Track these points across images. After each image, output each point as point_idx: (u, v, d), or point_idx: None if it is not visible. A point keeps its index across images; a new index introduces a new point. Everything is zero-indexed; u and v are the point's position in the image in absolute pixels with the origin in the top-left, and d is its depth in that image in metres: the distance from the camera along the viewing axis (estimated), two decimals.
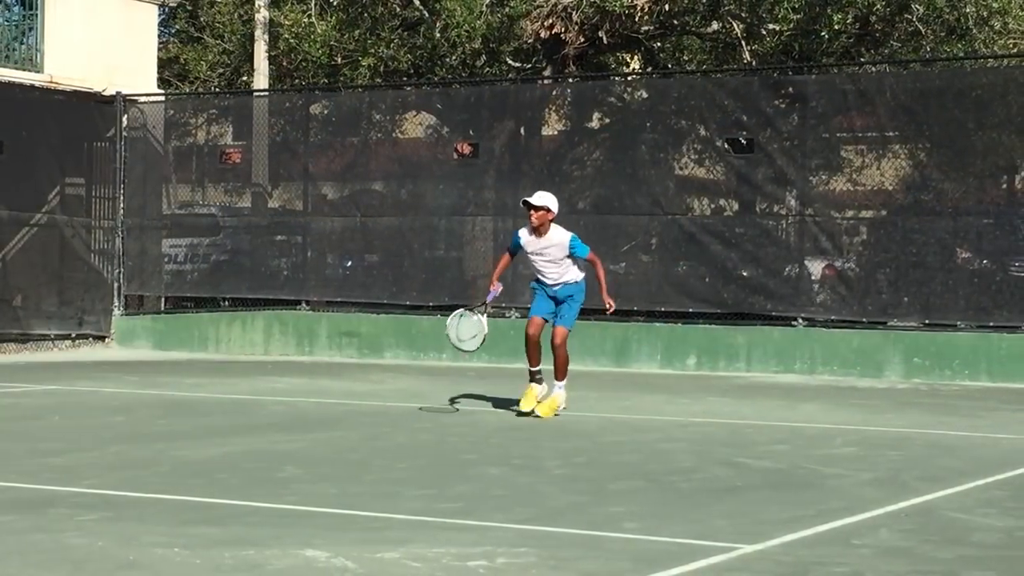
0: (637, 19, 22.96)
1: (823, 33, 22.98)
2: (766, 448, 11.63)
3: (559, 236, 13.47)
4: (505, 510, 8.55)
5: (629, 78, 25.25)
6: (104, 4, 23.54)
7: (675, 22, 24.15)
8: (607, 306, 13.63)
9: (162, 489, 9.21)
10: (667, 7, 23.26)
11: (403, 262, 22.29)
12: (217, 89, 27.69)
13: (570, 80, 23.75)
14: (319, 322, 22.07)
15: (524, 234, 13.59)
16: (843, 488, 9.57)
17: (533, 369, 13.63)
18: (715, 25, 24.01)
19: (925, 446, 11.97)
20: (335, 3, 25.79)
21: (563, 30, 22.96)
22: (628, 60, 28.17)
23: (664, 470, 10.33)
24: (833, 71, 21.04)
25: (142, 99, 23.54)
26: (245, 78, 28.21)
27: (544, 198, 13.58)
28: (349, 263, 23.14)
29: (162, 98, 24.58)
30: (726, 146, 20.73)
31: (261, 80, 26.00)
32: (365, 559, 7.09)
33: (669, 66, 25.65)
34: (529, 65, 24.69)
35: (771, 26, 23.62)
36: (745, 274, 19.81)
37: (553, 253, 13.46)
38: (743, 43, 23.50)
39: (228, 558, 7.09)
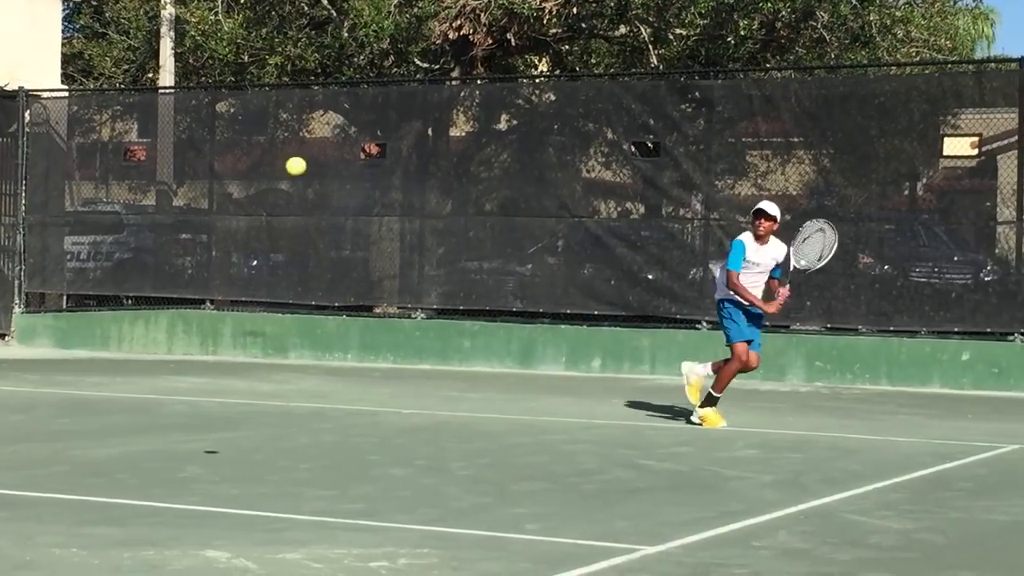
0: (545, 22, 23.00)
1: (729, 39, 23.14)
2: (669, 450, 11.70)
3: (779, 247, 13.23)
4: (408, 511, 8.55)
5: (537, 80, 25.31)
6: None
7: (583, 25, 24.21)
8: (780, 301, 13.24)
9: (60, 489, 9.11)
10: (575, 10, 23.32)
11: (309, 262, 22.21)
12: (122, 86, 27.41)
13: (478, 81, 23.75)
14: (223, 321, 21.92)
15: (749, 241, 13.17)
16: (744, 490, 9.65)
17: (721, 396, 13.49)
18: (623, 29, 24.09)
19: (825, 449, 12.10)
20: (242, 1, 25.62)
21: (471, 31, 22.94)
22: (536, 62, 28.21)
23: (567, 472, 10.36)
24: (739, 76, 21.19)
25: (45, 95, 23.27)
26: (151, 75, 27.96)
27: (776, 208, 13.26)
28: (254, 262, 23.01)
29: (66, 94, 24.31)
30: (633, 149, 20.82)
31: (167, 77, 25.79)
32: (266, 560, 7.06)
33: (577, 69, 25.72)
34: (437, 66, 24.65)
35: (678, 31, 23.75)
36: (651, 277, 19.91)
37: (768, 264, 13.18)
38: (650, 47, 23.60)
39: (127, 559, 7.03)
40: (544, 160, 21.06)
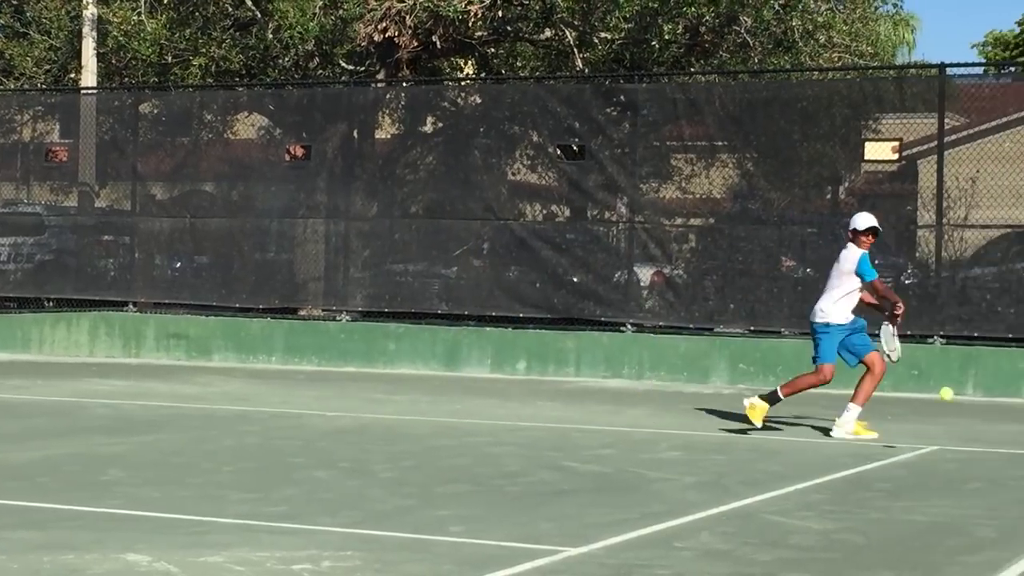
0: (471, 24, 22.99)
1: (654, 43, 23.23)
2: (593, 452, 11.74)
3: None
4: (331, 513, 8.53)
5: (462, 83, 25.32)
6: None
7: (508, 28, 24.23)
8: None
9: None
10: (500, 13, 23.33)
11: (233, 264, 22.10)
12: (43, 86, 27.16)
13: (403, 84, 23.73)
14: (146, 323, 21.77)
15: None
16: (667, 492, 9.71)
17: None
18: (548, 32, 24.12)
19: (748, 450, 12.18)
20: (165, 1, 25.44)
21: (396, 34, 22.90)
22: (462, 65, 28.22)
23: (492, 474, 10.38)
24: (663, 80, 21.30)
25: None
26: (73, 75, 27.70)
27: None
28: (178, 264, 22.87)
29: None
30: (558, 152, 20.88)
31: (89, 78, 25.57)
32: (188, 563, 7.02)
33: (502, 72, 25.75)
34: (362, 68, 24.58)
35: (603, 34, 23.81)
36: (575, 280, 19.97)
37: None
38: (575, 51, 23.65)
39: (47, 563, 6.98)
40: (470, 163, 21.08)
